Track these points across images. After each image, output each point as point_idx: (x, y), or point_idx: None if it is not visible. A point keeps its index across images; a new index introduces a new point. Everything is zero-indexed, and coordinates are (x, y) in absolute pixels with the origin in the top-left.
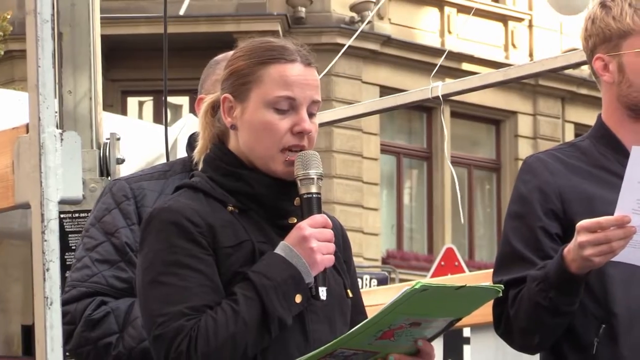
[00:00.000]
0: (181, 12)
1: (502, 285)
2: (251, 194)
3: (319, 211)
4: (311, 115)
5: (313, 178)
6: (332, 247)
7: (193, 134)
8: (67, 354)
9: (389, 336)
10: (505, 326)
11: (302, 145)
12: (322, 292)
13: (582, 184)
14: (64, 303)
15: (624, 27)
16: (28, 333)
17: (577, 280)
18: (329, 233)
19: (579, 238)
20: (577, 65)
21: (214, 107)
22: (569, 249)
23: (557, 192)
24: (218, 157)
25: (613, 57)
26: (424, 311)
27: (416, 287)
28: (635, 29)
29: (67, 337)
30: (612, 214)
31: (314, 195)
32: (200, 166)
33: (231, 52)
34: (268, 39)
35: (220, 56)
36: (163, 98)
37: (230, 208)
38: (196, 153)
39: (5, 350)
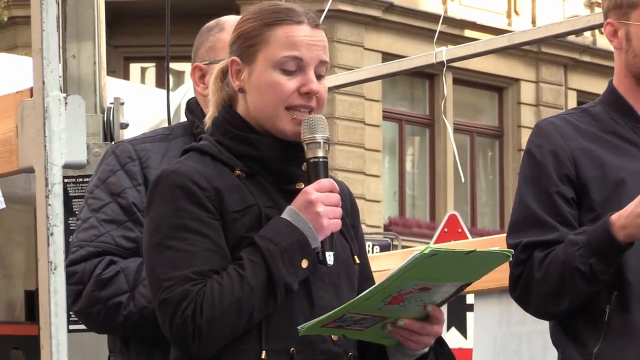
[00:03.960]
0: None
1: (512, 250)
2: (258, 158)
3: (326, 175)
4: (319, 76)
5: (319, 142)
6: (338, 211)
7: (190, 99)
8: (73, 314)
9: (398, 301)
10: (523, 288)
11: (311, 106)
12: (329, 257)
13: (594, 148)
14: (72, 263)
15: None
16: (31, 298)
17: (621, 248)
18: (335, 197)
19: None
20: (581, 30)
21: (224, 72)
22: (620, 215)
23: (570, 156)
24: (226, 121)
25: (622, 25)
26: (434, 276)
27: (425, 252)
28: None
29: (75, 297)
30: (623, 179)
31: (321, 159)
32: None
33: (222, 18)
34: (275, 2)
35: (212, 22)
36: (165, 63)
37: (237, 172)
38: (207, 119)
39: (8, 315)
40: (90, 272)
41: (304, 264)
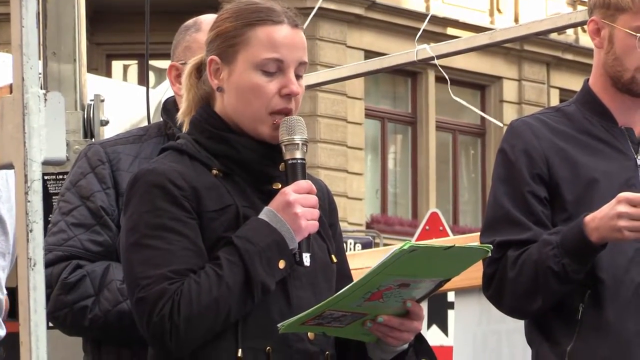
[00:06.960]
0: None
1: (490, 245)
2: (236, 158)
3: (304, 177)
4: (298, 77)
5: (298, 144)
6: (316, 212)
7: (168, 98)
8: None
9: (377, 297)
10: (497, 287)
11: (290, 108)
12: (306, 258)
13: (567, 148)
14: None
15: (622, 3)
16: (11, 296)
17: (594, 250)
18: (313, 199)
19: (619, 208)
20: (563, 28)
21: (199, 69)
22: (594, 217)
23: (542, 156)
24: (204, 120)
25: (607, 25)
26: (413, 272)
27: (405, 247)
28: (633, 8)
29: None
30: (595, 179)
31: (299, 161)
32: (185, 128)
33: (200, 17)
34: (254, 1)
35: (190, 21)
36: (145, 61)
37: (214, 172)
38: (180, 115)
39: None
40: (57, 276)
41: (281, 264)
